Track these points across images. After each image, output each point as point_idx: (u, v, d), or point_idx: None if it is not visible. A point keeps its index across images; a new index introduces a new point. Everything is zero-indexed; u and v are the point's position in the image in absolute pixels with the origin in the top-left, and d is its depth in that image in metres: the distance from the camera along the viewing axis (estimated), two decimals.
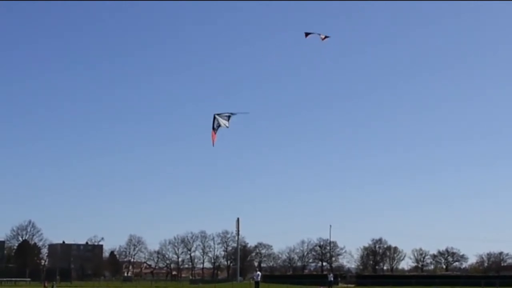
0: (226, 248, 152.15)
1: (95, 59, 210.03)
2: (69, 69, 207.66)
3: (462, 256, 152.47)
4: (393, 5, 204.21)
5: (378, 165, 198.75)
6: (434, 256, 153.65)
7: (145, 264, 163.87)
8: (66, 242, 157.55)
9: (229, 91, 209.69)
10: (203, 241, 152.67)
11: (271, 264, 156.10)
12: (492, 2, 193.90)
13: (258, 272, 62.56)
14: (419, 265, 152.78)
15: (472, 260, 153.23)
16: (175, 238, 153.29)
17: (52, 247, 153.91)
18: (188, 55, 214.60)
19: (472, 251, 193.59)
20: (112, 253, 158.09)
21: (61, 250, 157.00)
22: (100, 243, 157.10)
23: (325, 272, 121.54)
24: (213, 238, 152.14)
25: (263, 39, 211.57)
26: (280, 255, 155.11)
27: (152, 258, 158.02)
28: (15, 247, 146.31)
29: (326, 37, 31.40)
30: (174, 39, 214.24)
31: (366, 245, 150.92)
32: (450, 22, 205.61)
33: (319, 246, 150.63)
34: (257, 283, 59.02)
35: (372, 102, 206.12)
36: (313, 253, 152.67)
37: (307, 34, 31.33)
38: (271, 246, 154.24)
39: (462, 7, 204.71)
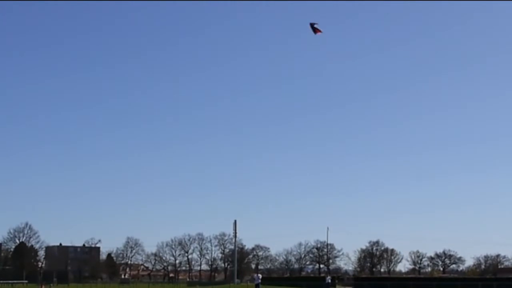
0: (224, 250, 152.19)
1: (89, 61, 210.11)
2: (66, 72, 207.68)
3: (459, 259, 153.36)
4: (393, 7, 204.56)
5: (375, 167, 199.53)
6: (431, 259, 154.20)
7: (142, 266, 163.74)
8: (63, 244, 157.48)
9: (227, 96, 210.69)
10: (200, 243, 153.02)
11: (268, 266, 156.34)
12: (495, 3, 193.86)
13: (259, 275, 62.93)
14: (416, 268, 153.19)
15: (469, 262, 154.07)
16: (172, 240, 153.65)
17: (49, 249, 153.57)
18: (185, 58, 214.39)
19: (470, 253, 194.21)
20: (109, 255, 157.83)
21: (58, 252, 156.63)
22: (97, 245, 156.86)
23: (322, 275, 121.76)
24: (211, 240, 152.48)
25: (265, 43, 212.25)
26: (277, 257, 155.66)
27: (149, 260, 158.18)
28: (12, 250, 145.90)
29: (318, 30, 31.07)
30: (175, 41, 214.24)
31: (364, 247, 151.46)
32: (451, 25, 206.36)
33: (317, 248, 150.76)
34: (257, 285, 59.31)
35: (369, 106, 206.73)
36: (310, 255, 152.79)
37: (312, 24, 30.98)
38: (269, 248, 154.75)
39: (461, 7, 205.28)
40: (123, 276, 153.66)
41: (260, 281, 59.49)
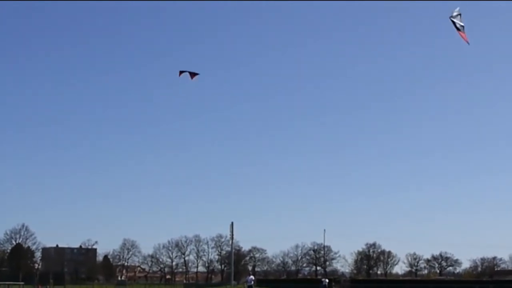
0: (220, 252, 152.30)
1: (89, 63, 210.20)
2: (64, 74, 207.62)
3: (456, 261, 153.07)
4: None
5: (371, 170, 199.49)
6: (428, 261, 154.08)
7: (139, 268, 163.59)
8: (59, 245, 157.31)
9: (225, 99, 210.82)
10: (197, 245, 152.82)
11: (265, 268, 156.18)
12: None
13: (251, 276, 62.55)
14: (413, 270, 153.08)
15: (466, 264, 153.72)
16: (169, 242, 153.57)
17: (45, 250, 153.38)
18: (184, 62, 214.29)
19: (466, 256, 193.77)
20: (106, 256, 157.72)
21: (55, 254, 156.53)
22: (94, 246, 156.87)
23: (319, 277, 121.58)
24: (207, 242, 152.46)
25: (267, 47, 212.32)
26: (274, 259, 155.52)
27: (146, 262, 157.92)
28: (8, 251, 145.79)
29: (195, 74, 31.68)
30: (179, 47, 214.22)
31: (360, 249, 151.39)
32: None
33: (313, 251, 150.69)
34: (250, 287, 58.99)
35: (366, 110, 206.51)
36: (307, 257, 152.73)
37: (181, 72, 31.70)
38: (265, 250, 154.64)
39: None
40: (119, 278, 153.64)
41: (253, 283, 59.07)
